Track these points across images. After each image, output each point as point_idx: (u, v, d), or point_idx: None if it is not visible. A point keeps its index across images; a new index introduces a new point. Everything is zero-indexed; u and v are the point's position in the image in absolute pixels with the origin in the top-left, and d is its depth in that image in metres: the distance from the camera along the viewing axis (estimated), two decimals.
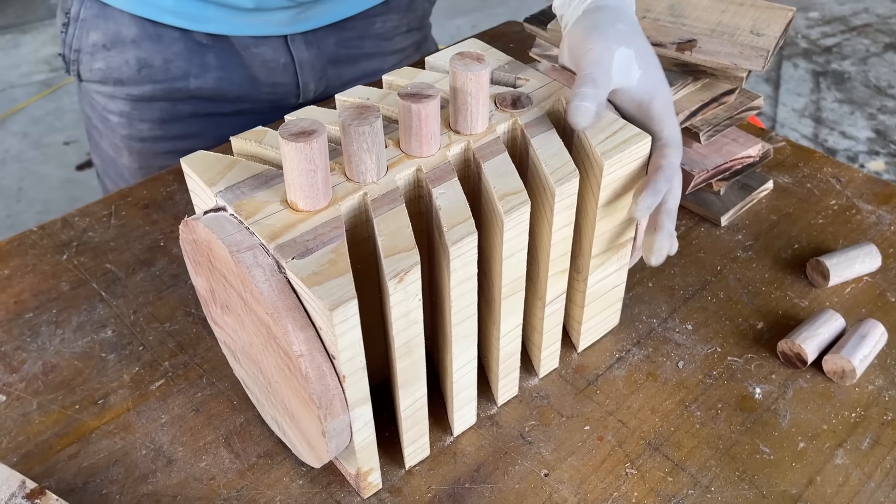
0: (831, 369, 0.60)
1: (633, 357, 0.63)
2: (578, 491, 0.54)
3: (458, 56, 0.50)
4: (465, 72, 0.48)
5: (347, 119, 0.45)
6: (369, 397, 0.47)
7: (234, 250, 0.43)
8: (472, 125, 0.50)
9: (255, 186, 0.47)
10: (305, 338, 0.43)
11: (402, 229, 0.45)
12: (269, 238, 0.44)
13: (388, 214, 0.45)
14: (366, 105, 0.46)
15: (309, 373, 0.43)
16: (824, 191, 0.79)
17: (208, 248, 0.46)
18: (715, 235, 0.74)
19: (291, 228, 0.44)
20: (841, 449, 0.56)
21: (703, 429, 0.58)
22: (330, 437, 0.46)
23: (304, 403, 0.45)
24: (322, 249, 0.43)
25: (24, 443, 0.57)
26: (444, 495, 0.54)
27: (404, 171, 0.48)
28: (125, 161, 0.90)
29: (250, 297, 0.44)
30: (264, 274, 0.43)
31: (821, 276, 0.68)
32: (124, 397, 0.60)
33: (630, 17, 0.57)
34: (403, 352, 0.47)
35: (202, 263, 0.49)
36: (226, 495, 0.54)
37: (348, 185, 0.47)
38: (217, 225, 0.45)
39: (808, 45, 2.76)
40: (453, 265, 0.45)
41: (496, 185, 0.48)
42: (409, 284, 0.43)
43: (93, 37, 0.82)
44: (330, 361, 0.43)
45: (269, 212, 0.45)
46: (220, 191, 0.47)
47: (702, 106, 0.69)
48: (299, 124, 0.43)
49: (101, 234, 0.74)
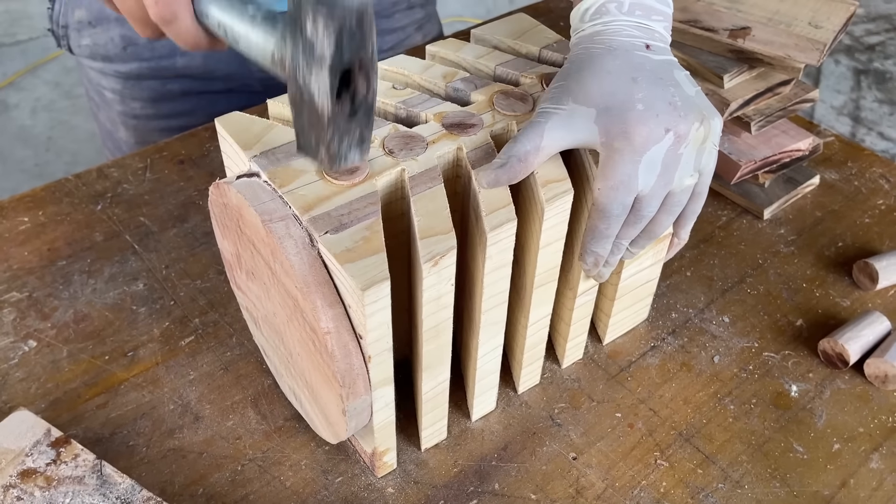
0: (873, 373, 0.59)
1: (667, 346, 0.62)
2: (606, 476, 0.53)
3: (501, 95, 0.49)
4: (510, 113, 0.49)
5: (395, 147, 0.45)
6: (392, 378, 0.46)
7: (266, 219, 0.42)
8: None
9: (291, 154, 0.45)
10: (334, 315, 0.42)
11: (439, 211, 0.43)
12: (303, 209, 0.43)
13: (426, 194, 0.44)
14: (413, 136, 0.46)
15: (335, 351, 0.42)
16: (872, 189, 0.77)
17: (238, 214, 0.45)
18: (757, 228, 0.72)
19: (326, 201, 0.43)
20: (876, 453, 0.55)
21: (736, 423, 0.57)
22: (350, 417, 0.45)
23: (326, 380, 0.45)
24: (357, 225, 0.42)
25: (52, 390, 0.57)
26: (469, 471, 0.53)
27: (444, 149, 0.47)
28: (122, 135, 0.90)
29: (279, 268, 0.43)
30: (296, 246, 0.42)
31: (868, 278, 0.66)
32: (154, 351, 0.59)
33: (630, 53, 0.47)
34: (431, 335, 0.46)
35: (230, 227, 0.48)
36: (251, 455, 0.53)
37: (386, 160, 0.46)
38: (250, 191, 0.44)
39: (850, 42, 2.70)
40: (489, 251, 0.44)
41: (539, 171, 0.46)
42: (443, 269, 0.42)
43: (78, 14, 0.80)
44: (357, 340, 0.43)
45: (304, 181, 0.44)
46: (254, 155, 0.45)
47: (756, 95, 0.67)
48: None
49: (136, 187, 0.73)
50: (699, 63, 0.67)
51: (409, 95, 0.50)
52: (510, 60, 0.54)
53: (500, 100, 0.50)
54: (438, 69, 0.53)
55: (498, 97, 0.50)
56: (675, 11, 0.68)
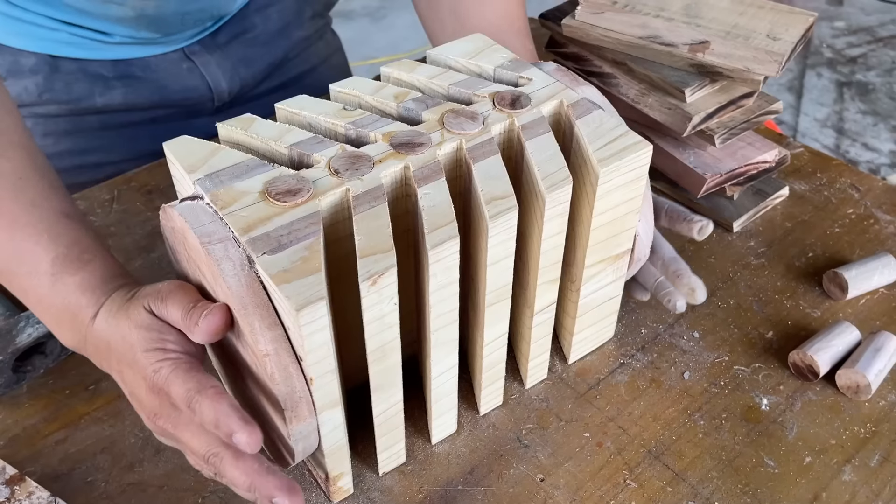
0: (845, 384, 0.58)
1: (636, 363, 0.61)
2: (574, 498, 0.52)
3: (451, 114, 0.50)
4: (459, 132, 0.49)
5: (340, 167, 0.46)
6: (341, 401, 0.45)
7: (205, 241, 0.42)
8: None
9: (236, 175, 0.45)
10: (273, 337, 0.41)
11: (381, 229, 0.43)
12: (243, 231, 0.42)
13: (369, 213, 0.44)
14: (360, 156, 0.46)
15: (274, 373, 0.41)
16: (842, 199, 0.76)
17: (183, 237, 0.45)
18: (727, 241, 0.72)
19: (266, 222, 0.43)
20: (849, 465, 0.54)
21: (707, 438, 0.56)
22: (296, 441, 0.44)
23: (273, 403, 0.44)
24: (296, 245, 0.41)
25: (11, 426, 0.56)
26: (435, 496, 0.52)
27: (391, 169, 0.46)
28: None
29: (220, 291, 0.43)
30: (234, 268, 0.41)
31: (838, 288, 0.65)
32: (115, 384, 0.58)
33: None
34: (377, 356, 0.45)
35: (181, 252, 0.48)
36: (212, 488, 0.52)
37: (331, 180, 0.45)
38: (191, 214, 0.43)
39: (832, 55, 2.72)
40: (432, 269, 0.43)
41: (484, 188, 0.46)
42: (383, 287, 0.41)
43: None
44: (297, 363, 0.42)
45: (245, 203, 0.44)
46: (198, 178, 0.45)
47: (718, 108, 0.67)
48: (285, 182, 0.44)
49: (103, 219, 0.73)
50: (661, 78, 0.67)
51: (359, 116, 0.50)
52: (463, 80, 0.54)
53: (451, 118, 0.50)
54: (391, 90, 0.53)
55: (448, 116, 0.50)
56: (634, 28, 0.68)
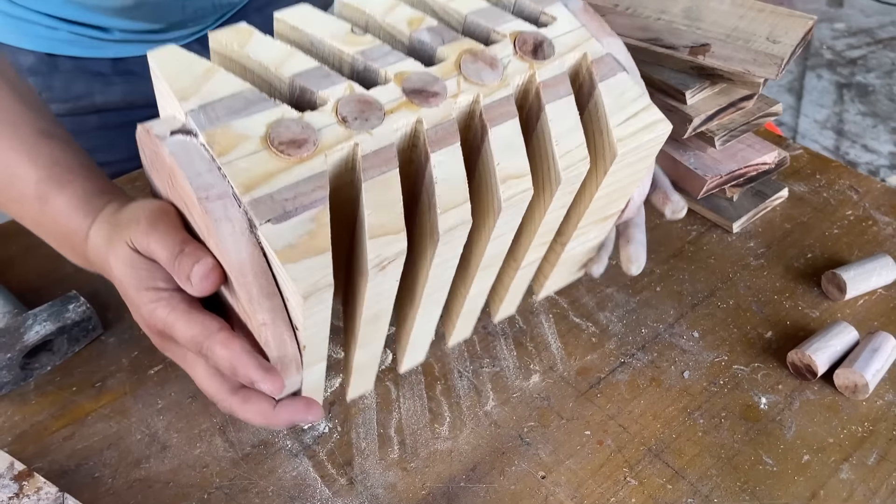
0: (843, 384, 0.59)
1: (637, 362, 0.62)
2: (575, 495, 0.53)
3: (470, 57, 0.44)
4: (477, 82, 0.43)
5: (348, 114, 0.40)
6: (325, 356, 0.44)
7: (202, 196, 0.37)
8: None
9: (234, 111, 0.39)
10: (270, 306, 0.38)
11: (392, 205, 0.39)
12: (244, 188, 0.37)
13: (380, 180, 0.39)
14: (370, 102, 0.41)
15: (269, 341, 0.40)
16: (841, 201, 0.77)
17: (171, 172, 0.40)
18: (726, 242, 0.73)
19: (270, 179, 0.38)
20: (847, 463, 0.55)
21: (706, 437, 0.56)
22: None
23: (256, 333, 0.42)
24: (302, 215, 0.37)
25: (19, 423, 0.56)
26: (438, 493, 0.53)
27: (402, 121, 0.41)
28: None
29: (214, 246, 0.39)
30: (233, 231, 0.37)
31: (837, 288, 0.66)
32: (122, 381, 0.59)
33: None
34: (369, 320, 0.44)
35: (161, 173, 0.42)
36: (218, 483, 0.53)
37: (339, 131, 0.40)
38: (185, 156, 0.38)
39: (832, 57, 2.73)
40: (439, 250, 0.42)
41: (500, 162, 0.42)
42: (390, 272, 0.40)
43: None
44: (293, 331, 0.40)
45: (246, 150, 0.38)
46: (191, 109, 0.39)
47: (719, 110, 0.68)
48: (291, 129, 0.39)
49: None
50: (661, 80, 0.68)
51: (369, 45, 0.44)
52: (483, 9, 0.48)
53: (468, 63, 0.44)
54: (404, 11, 0.47)
55: (466, 59, 0.44)
56: (635, 30, 0.69)
